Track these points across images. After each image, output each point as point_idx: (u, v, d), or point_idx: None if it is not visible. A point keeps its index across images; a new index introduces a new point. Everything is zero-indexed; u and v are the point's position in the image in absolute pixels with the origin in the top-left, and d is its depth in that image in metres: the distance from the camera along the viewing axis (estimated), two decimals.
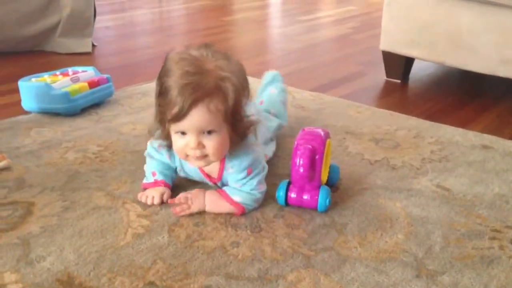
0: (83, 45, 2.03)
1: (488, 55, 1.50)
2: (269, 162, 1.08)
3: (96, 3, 2.16)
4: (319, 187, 0.94)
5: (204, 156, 0.87)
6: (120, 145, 1.20)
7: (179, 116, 0.82)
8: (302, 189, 0.94)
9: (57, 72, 1.44)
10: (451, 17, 1.54)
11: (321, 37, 2.54)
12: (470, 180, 1.06)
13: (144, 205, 0.95)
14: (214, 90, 0.82)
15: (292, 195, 0.95)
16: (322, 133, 0.96)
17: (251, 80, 1.71)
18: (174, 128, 0.85)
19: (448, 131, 1.31)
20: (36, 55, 1.99)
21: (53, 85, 1.35)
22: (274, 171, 1.07)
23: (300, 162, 0.92)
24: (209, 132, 0.85)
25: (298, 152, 0.92)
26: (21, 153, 1.15)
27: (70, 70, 1.46)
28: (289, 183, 0.95)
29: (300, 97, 1.55)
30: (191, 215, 0.92)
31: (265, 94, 1.27)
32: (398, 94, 1.67)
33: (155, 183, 0.98)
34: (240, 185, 0.92)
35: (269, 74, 1.32)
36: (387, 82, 1.78)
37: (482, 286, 0.75)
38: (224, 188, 0.94)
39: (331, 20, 2.95)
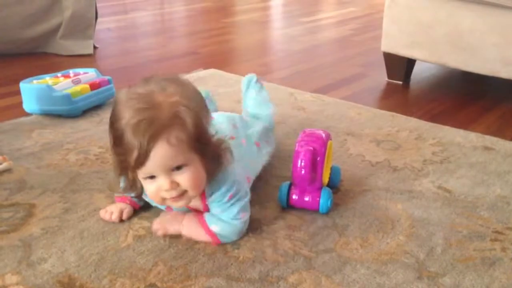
0: (85, 47, 2.04)
1: (490, 56, 1.50)
2: (270, 163, 1.08)
3: (98, 5, 2.16)
4: (320, 188, 0.94)
5: (182, 194, 0.79)
6: None
7: (141, 159, 0.74)
8: (303, 191, 0.94)
9: (59, 74, 1.44)
10: (452, 19, 1.54)
11: (322, 38, 2.54)
12: (471, 181, 1.06)
13: (145, 207, 0.95)
14: (170, 120, 0.74)
15: (294, 196, 0.95)
16: (323, 135, 0.96)
17: None
18: (140, 174, 0.78)
19: (450, 133, 1.31)
20: (37, 57, 1.99)
21: (55, 87, 1.35)
22: (275, 172, 1.07)
23: (301, 164, 0.92)
24: (179, 168, 0.77)
25: (299, 154, 0.92)
26: (22, 154, 1.15)
27: (71, 72, 1.46)
28: (290, 185, 0.95)
29: (301, 99, 1.55)
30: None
31: (247, 102, 1.21)
32: (399, 96, 1.67)
33: (122, 199, 0.93)
34: (220, 211, 0.85)
35: (244, 81, 1.24)
36: (388, 84, 1.78)
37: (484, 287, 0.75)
38: (205, 214, 0.87)
39: (332, 21, 2.95)
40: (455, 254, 0.83)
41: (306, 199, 0.94)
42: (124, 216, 0.91)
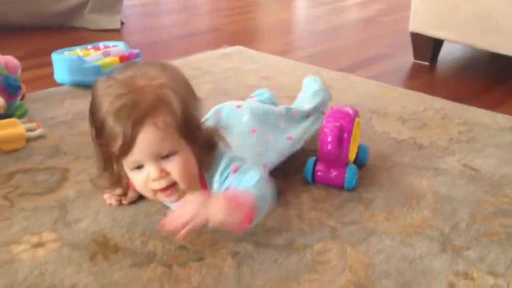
0: (112, 22, 2.06)
1: None
2: None
3: None
4: (346, 165, 0.94)
5: (173, 185, 0.72)
6: None
7: (126, 146, 0.68)
8: (329, 167, 0.95)
9: (89, 46, 1.47)
10: None
11: (347, 18, 2.52)
12: (498, 160, 1.06)
13: None
14: (155, 103, 0.69)
15: (319, 172, 0.95)
16: (351, 112, 0.96)
17: (277, 59, 1.73)
18: (127, 165, 0.72)
19: (476, 113, 1.30)
20: (66, 30, 2.02)
21: (85, 58, 1.38)
22: (302, 147, 1.08)
23: (327, 139, 0.92)
24: (168, 156, 0.71)
25: (326, 129, 0.93)
26: (55, 123, 1.19)
27: (101, 44, 1.49)
28: (316, 160, 0.96)
29: (327, 77, 1.55)
30: None
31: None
32: (426, 76, 1.66)
33: None
34: (241, 177, 0.76)
35: (307, 82, 1.21)
36: (414, 64, 1.76)
37: (508, 261, 0.76)
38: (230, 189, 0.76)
39: (357, 2, 2.91)
40: (480, 229, 0.84)
41: (332, 175, 0.94)
42: (127, 200, 0.87)
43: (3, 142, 1.03)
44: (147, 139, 0.68)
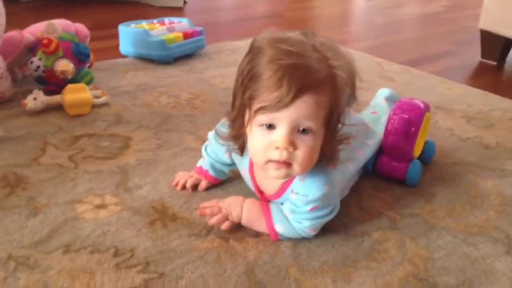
0: (176, 0, 2.08)
1: None
2: None
3: None
4: (410, 160, 0.91)
5: (288, 164, 0.67)
6: (210, 95, 1.24)
7: (279, 104, 0.63)
8: (392, 159, 0.91)
9: (155, 21, 1.49)
10: None
11: (408, 13, 2.45)
12: None
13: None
14: (327, 80, 0.65)
15: (381, 163, 0.92)
16: (422, 105, 0.91)
17: None
18: (260, 119, 0.66)
19: None
20: (131, 5, 2.07)
21: (151, 32, 1.40)
22: None
23: (393, 131, 0.89)
24: (304, 131, 0.66)
25: (393, 121, 0.90)
26: (118, 92, 1.21)
27: (166, 19, 1.51)
28: (379, 151, 0.93)
29: (388, 69, 1.52)
30: None
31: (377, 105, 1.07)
32: (492, 76, 1.59)
33: (199, 171, 0.87)
34: (291, 214, 0.74)
35: (384, 91, 1.10)
36: (481, 63, 1.69)
37: None
38: (272, 207, 0.76)
39: None
40: None
41: (394, 168, 0.91)
42: (201, 188, 0.85)
43: (71, 106, 1.06)
44: (301, 108, 0.64)
